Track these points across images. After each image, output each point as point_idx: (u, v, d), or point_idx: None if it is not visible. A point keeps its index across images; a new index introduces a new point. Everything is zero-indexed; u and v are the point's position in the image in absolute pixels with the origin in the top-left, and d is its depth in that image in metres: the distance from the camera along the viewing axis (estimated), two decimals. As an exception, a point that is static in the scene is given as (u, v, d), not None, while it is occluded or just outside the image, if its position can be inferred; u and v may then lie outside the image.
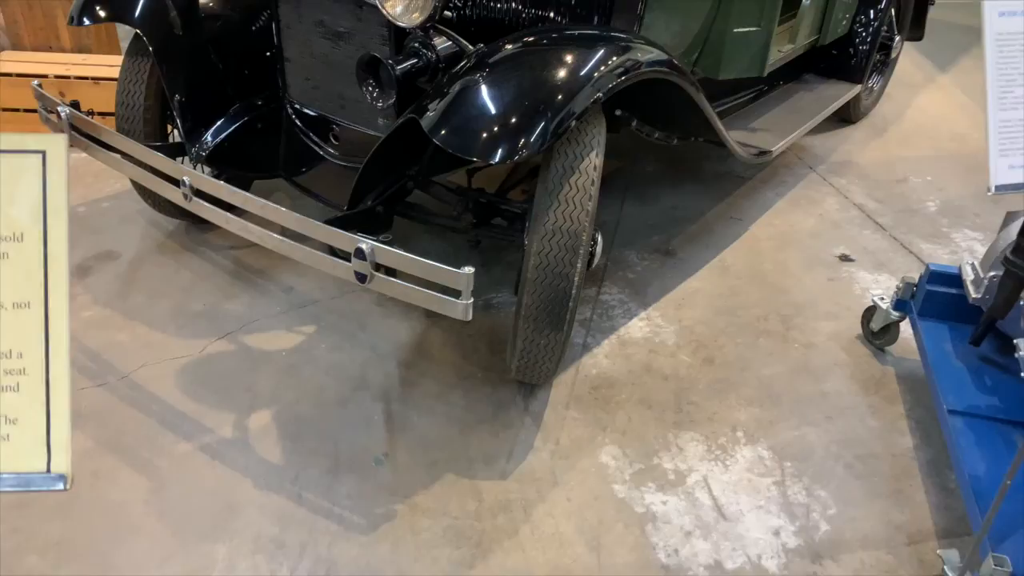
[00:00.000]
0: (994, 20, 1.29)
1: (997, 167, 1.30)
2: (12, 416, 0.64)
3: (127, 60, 2.67)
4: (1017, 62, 1.29)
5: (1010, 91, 1.28)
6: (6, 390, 0.63)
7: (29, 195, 0.67)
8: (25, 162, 0.68)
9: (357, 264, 1.88)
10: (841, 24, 3.74)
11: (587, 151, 2.00)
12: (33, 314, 0.64)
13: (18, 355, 0.62)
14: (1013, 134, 1.29)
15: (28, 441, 0.64)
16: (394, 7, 2.01)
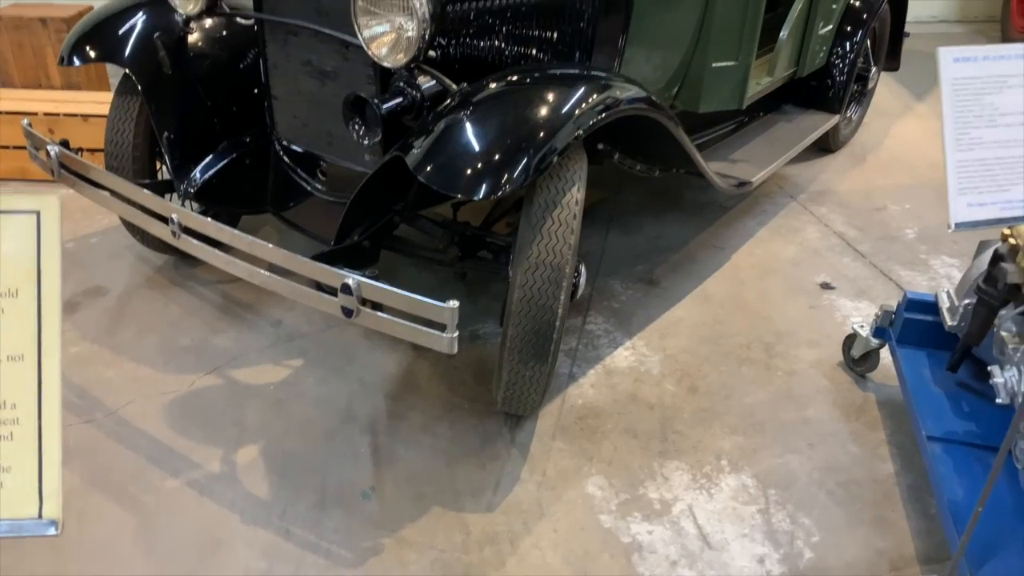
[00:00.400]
0: (949, 66, 1.35)
1: (956, 205, 1.35)
2: (6, 464, 0.66)
3: (116, 99, 2.71)
4: (972, 105, 1.34)
5: (966, 133, 1.34)
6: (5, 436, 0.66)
7: (24, 253, 0.70)
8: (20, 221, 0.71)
9: (343, 299, 1.90)
10: (819, 56, 3.83)
11: (569, 186, 2.05)
12: (27, 366, 0.67)
13: (12, 406, 0.65)
14: (970, 174, 1.35)
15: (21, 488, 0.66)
16: (380, 48, 2.06)
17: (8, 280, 0.69)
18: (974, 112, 1.35)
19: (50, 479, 0.68)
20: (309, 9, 2.30)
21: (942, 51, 1.38)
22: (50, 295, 0.71)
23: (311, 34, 2.33)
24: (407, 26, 2.00)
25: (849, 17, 3.88)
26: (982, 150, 1.35)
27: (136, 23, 2.63)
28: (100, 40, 2.62)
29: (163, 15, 2.64)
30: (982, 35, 6.79)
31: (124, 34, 2.61)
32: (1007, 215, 1.38)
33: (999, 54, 1.37)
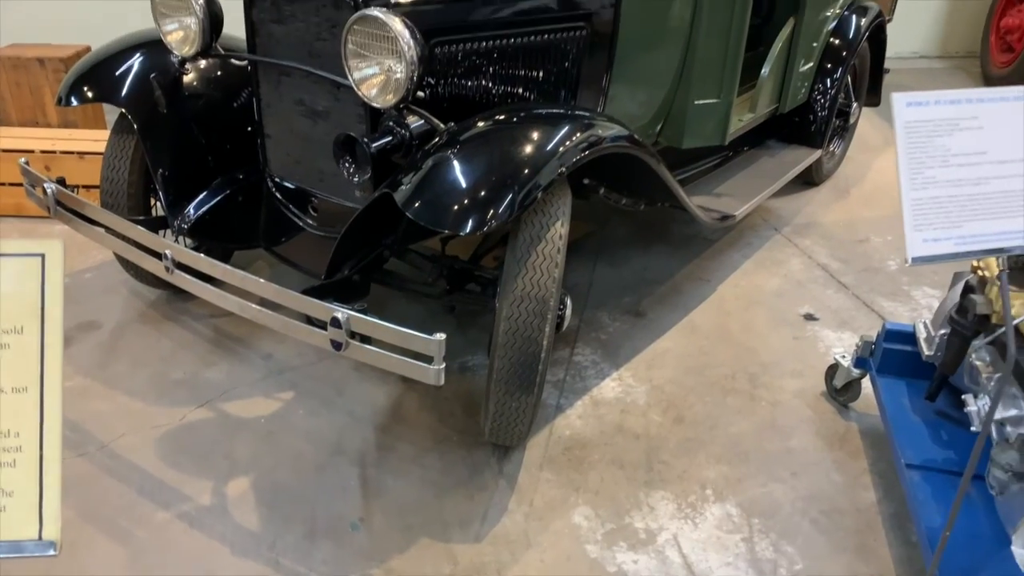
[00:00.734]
0: (903, 110, 1.42)
1: (912, 241, 1.41)
2: (8, 489, 0.70)
3: (113, 137, 2.77)
4: (925, 147, 1.41)
5: (920, 173, 1.40)
6: (4, 466, 0.70)
7: (29, 293, 0.75)
8: (26, 263, 0.76)
9: (333, 332, 1.95)
10: (800, 93, 3.92)
11: (553, 221, 2.10)
12: (30, 398, 0.71)
13: (15, 434, 0.69)
14: (925, 211, 1.41)
15: (22, 512, 0.71)
16: (370, 89, 2.13)
17: (13, 318, 0.74)
18: (927, 153, 1.42)
19: (50, 503, 0.72)
20: (302, 51, 2.37)
21: (895, 96, 1.45)
22: (52, 332, 0.76)
23: (303, 75, 2.40)
24: (396, 68, 2.07)
25: (829, 55, 3.98)
26: (936, 189, 1.42)
27: (133, 64, 2.71)
28: (97, 81, 2.69)
29: (159, 56, 2.71)
30: (962, 70, 6.94)
31: (121, 75, 2.68)
32: (961, 250, 1.44)
33: (950, 99, 1.45)
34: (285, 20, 2.37)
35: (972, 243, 1.44)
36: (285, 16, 2.36)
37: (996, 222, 1.44)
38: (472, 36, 2.44)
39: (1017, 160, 1.45)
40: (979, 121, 1.44)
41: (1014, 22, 6.25)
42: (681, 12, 2.98)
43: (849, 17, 4.02)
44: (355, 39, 2.09)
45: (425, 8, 2.30)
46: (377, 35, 2.06)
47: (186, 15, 2.49)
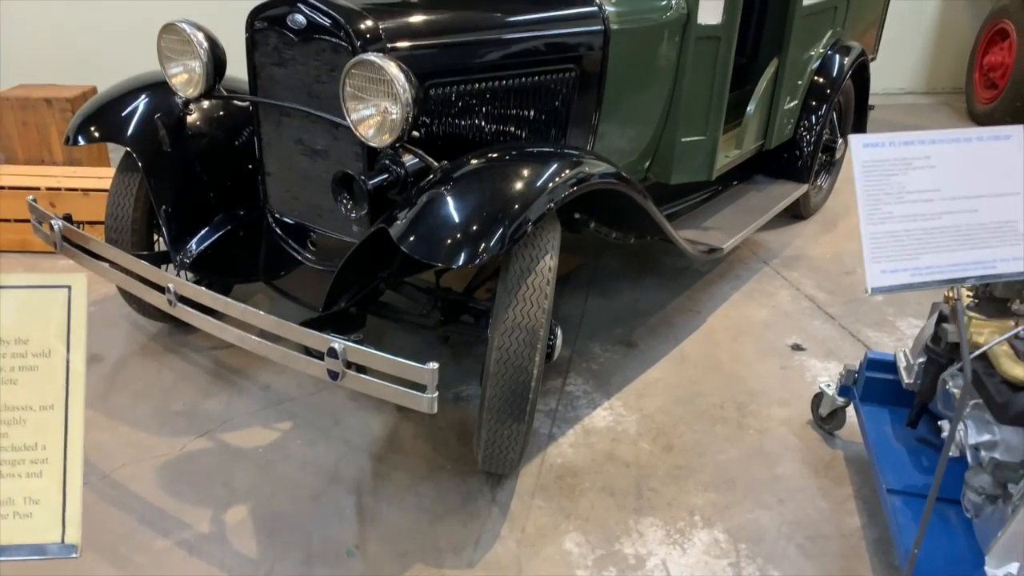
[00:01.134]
0: (860, 150, 1.51)
1: (872, 272, 1.50)
2: (35, 498, 0.77)
3: (118, 175, 2.86)
4: (882, 184, 1.50)
5: (877, 208, 1.49)
6: (31, 476, 0.77)
7: (56, 320, 0.82)
8: (55, 294, 0.83)
9: (330, 363, 2.02)
10: (786, 129, 4.04)
11: (542, 254, 2.19)
12: (56, 415, 0.78)
13: (42, 447, 0.76)
14: (883, 244, 1.50)
15: (47, 518, 0.77)
16: (367, 130, 2.22)
17: (42, 343, 0.82)
18: (884, 190, 1.51)
19: (72, 510, 0.78)
20: (301, 93, 2.48)
21: (852, 138, 1.54)
22: (77, 356, 0.83)
23: (303, 115, 2.50)
24: (392, 110, 2.17)
25: (813, 92, 4.10)
26: (892, 223, 1.51)
27: (138, 105, 2.80)
28: (104, 121, 2.78)
29: (163, 97, 2.81)
30: (948, 106, 7.10)
31: (127, 115, 2.78)
32: (917, 280, 1.52)
33: (904, 140, 1.54)
34: (286, 63, 2.47)
35: (928, 274, 1.52)
36: (286, 60, 2.47)
37: (950, 254, 1.53)
38: (465, 78, 2.55)
39: (968, 197, 1.54)
40: (931, 160, 1.53)
41: (997, 60, 6.42)
42: (667, 53, 3.10)
43: (832, 56, 4.15)
44: (353, 82, 2.19)
45: (420, 52, 2.41)
46: (374, 78, 2.16)
47: (191, 59, 2.60)
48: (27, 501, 0.76)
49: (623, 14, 2.89)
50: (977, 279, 1.56)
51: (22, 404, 0.79)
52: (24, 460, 0.76)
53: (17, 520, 0.76)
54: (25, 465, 0.76)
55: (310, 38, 2.38)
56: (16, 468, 0.76)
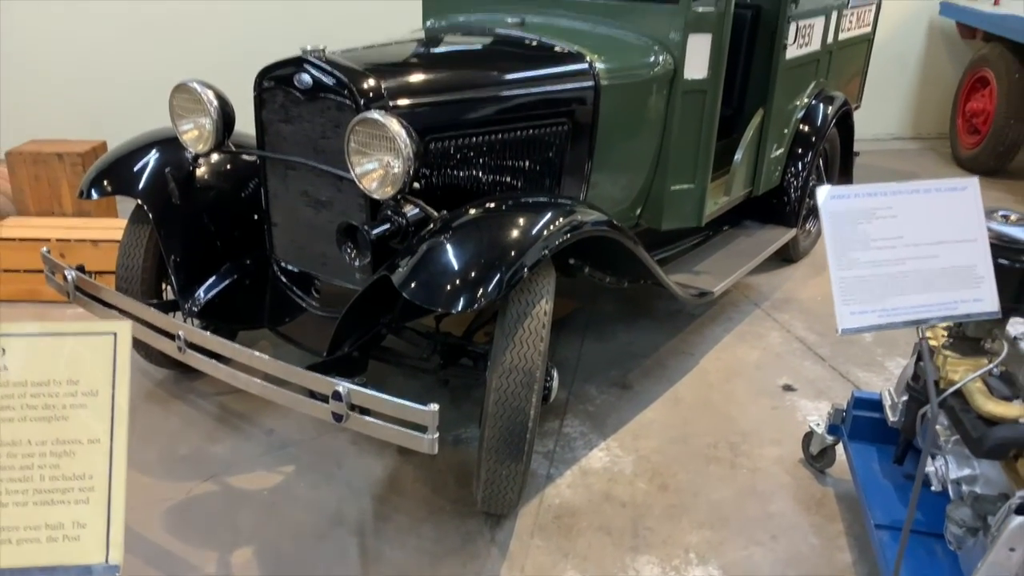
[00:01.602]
0: (828, 201, 1.63)
1: (842, 314, 1.60)
2: (82, 522, 0.86)
3: (129, 227, 2.97)
4: (849, 232, 1.61)
5: (845, 255, 1.60)
6: (80, 503, 0.86)
7: (103, 363, 0.92)
8: (102, 340, 0.92)
9: (334, 405, 2.10)
10: (773, 176, 4.17)
11: (538, 299, 2.28)
12: (102, 448, 0.88)
13: (89, 477, 0.85)
14: (851, 288, 1.61)
15: (93, 541, 0.85)
16: (370, 183, 2.34)
17: (92, 383, 0.91)
18: (851, 238, 1.62)
19: (115, 534, 0.87)
20: (307, 147, 2.60)
21: (820, 189, 1.66)
22: (121, 395, 0.92)
23: (308, 169, 2.62)
24: (394, 164, 2.29)
25: (799, 141, 4.25)
26: (859, 268, 1.61)
27: (148, 160, 2.92)
28: (116, 176, 2.89)
29: (172, 152, 2.92)
30: (933, 151, 7.27)
31: (138, 170, 2.89)
32: (884, 321, 1.62)
33: (868, 192, 1.66)
34: (292, 120, 2.60)
35: (894, 315, 1.62)
36: (292, 117, 2.59)
37: (914, 296, 1.63)
38: (463, 132, 2.68)
39: (929, 243, 1.64)
40: (893, 210, 1.64)
41: (978, 106, 6.60)
42: (655, 106, 3.24)
43: (816, 106, 4.31)
44: (357, 138, 2.31)
45: (420, 109, 2.54)
46: (377, 135, 2.28)
47: (201, 116, 2.72)
48: (75, 525, 0.84)
49: (612, 70, 3.03)
50: (940, 319, 1.66)
51: (72, 438, 0.88)
52: (73, 488, 0.85)
53: (66, 542, 0.85)
54: (74, 493, 0.85)
55: (316, 97, 2.51)
56: (66, 495, 0.85)
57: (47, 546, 0.83)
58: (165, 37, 5.95)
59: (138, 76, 5.97)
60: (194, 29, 5.97)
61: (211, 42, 6.01)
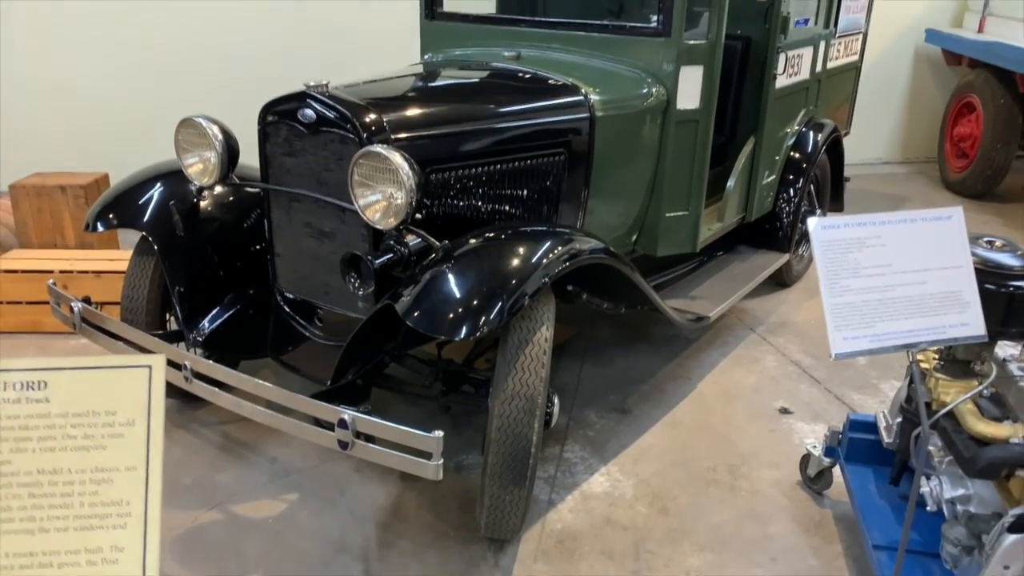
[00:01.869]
0: (819, 232, 1.69)
1: (835, 339, 1.66)
2: (120, 546, 0.90)
3: (134, 258, 3.01)
4: (840, 261, 1.68)
5: (837, 282, 1.66)
6: (117, 528, 0.90)
7: (139, 395, 0.96)
8: (138, 373, 0.97)
9: (340, 433, 2.14)
10: (765, 202, 4.25)
11: (539, 326, 2.33)
12: (138, 475, 0.92)
13: (126, 503, 0.89)
14: (843, 314, 1.67)
15: (131, 564, 0.89)
16: (374, 214, 2.39)
17: (129, 413, 0.95)
18: (842, 266, 1.68)
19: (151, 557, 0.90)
20: (310, 180, 2.66)
21: (811, 220, 1.72)
22: (156, 425, 0.96)
23: (312, 201, 2.67)
24: (397, 195, 2.35)
25: (790, 167, 4.33)
26: (851, 295, 1.67)
27: (153, 193, 2.97)
28: (121, 208, 2.95)
29: (176, 184, 2.98)
30: (922, 175, 7.38)
31: (143, 203, 2.95)
32: (875, 346, 1.68)
33: (857, 222, 1.72)
34: (296, 153, 2.66)
35: (885, 340, 1.68)
36: (296, 150, 2.66)
37: (904, 322, 1.68)
38: (463, 164, 2.74)
39: (916, 270, 1.70)
40: (882, 239, 1.70)
41: (965, 131, 6.72)
42: (649, 135, 3.32)
43: (807, 133, 4.40)
44: (361, 171, 2.37)
45: (420, 141, 2.61)
46: (380, 167, 2.34)
47: (206, 150, 2.78)
48: (113, 549, 0.88)
49: (607, 102, 3.11)
50: (929, 343, 1.72)
51: (110, 466, 0.92)
52: (111, 514, 0.89)
53: (105, 566, 0.88)
54: (112, 518, 0.89)
55: (319, 131, 2.57)
56: (105, 520, 0.89)
57: (87, 569, 0.86)
58: (161, 69, 6.05)
59: (135, 108, 6.06)
60: (188, 61, 6.07)
61: (206, 74, 6.10)
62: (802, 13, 4.12)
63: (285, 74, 6.09)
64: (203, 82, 6.08)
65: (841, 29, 4.68)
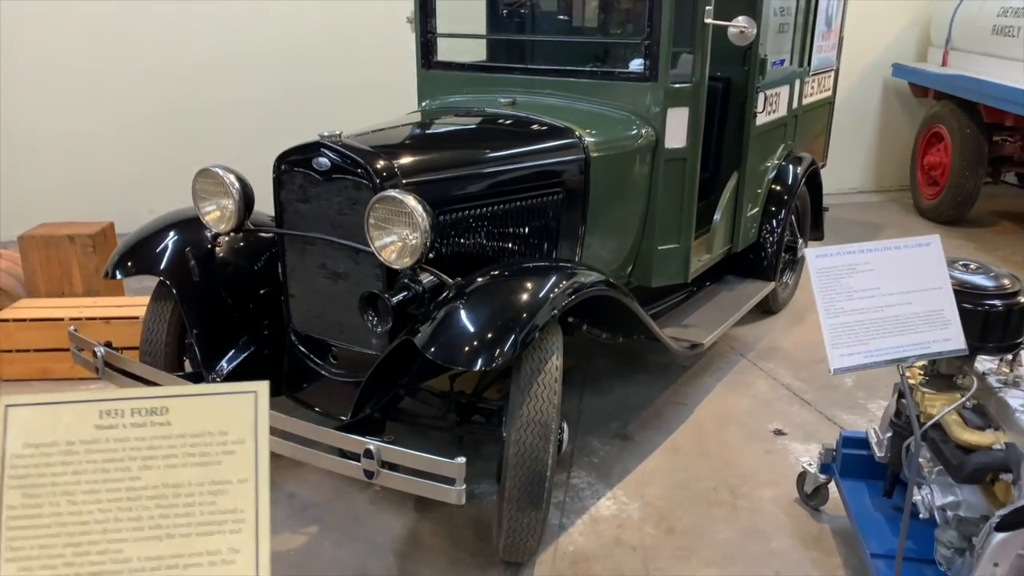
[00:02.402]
0: (814, 260, 1.87)
1: (833, 356, 1.82)
2: (236, 548, 1.01)
3: (152, 304, 3.12)
4: (835, 285, 1.85)
5: (832, 305, 1.83)
6: (233, 532, 1.02)
7: (247, 417, 1.09)
8: (246, 398, 1.10)
9: (365, 463, 2.25)
10: (750, 233, 4.44)
11: (549, 355, 2.47)
12: (249, 486, 1.04)
13: (240, 511, 1.01)
14: (839, 333, 1.83)
15: (246, 564, 1.01)
16: (390, 255, 2.53)
17: (239, 433, 1.07)
18: (836, 290, 1.85)
19: (263, 557, 1.02)
20: (325, 224, 2.80)
21: (807, 252, 1.89)
22: (263, 441, 1.09)
23: (326, 243, 2.81)
24: (411, 236, 2.49)
25: (772, 200, 4.53)
26: (845, 316, 1.84)
27: (169, 240, 3.09)
28: (140, 256, 3.05)
29: (191, 231, 3.10)
30: (896, 202, 7.66)
31: (160, 250, 3.06)
32: (869, 361, 1.85)
33: (848, 250, 1.90)
34: (311, 199, 2.80)
35: (877, 355, 1.84)
36: (311, 196, 2.80)
37: (893, 338, 1.85)
38: (469, 205, 2.90)
39: (903, 292, 1.88)
40: (871, 265, 1.88)
41: (935, 160, 7.01)
42: (640, 173, 3.50)
43: (786, 167, 4.61)
44: (376, 215, 2.52)
45: (430, 185, 2.76)
46: (395, 211, 2.49)
47: (224, 198, 2.92)
48: (230, 551, 0.99)
49: (600, 143, 3.29)
50: (916, 358, 1.88)
51: (225, 479, 1.05)
52: (228, 520, 1.01)
53: (224, 566, 1.00)
54: (228, 524, 1.00)
55: (333, 177, 2.72)
56: (222, 526, 1.01)
57: (208, 570, 0.98)
58: (159, 122, 6.21)
59: (133, 158, 6.20)
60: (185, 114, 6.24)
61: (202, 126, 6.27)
62: (778, 54, 4.36)
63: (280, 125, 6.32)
64: (199, 133, 6.25)
65: (814, 67, 4.93)
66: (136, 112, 6.18)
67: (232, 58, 6.23)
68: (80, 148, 6.15)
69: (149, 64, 6.10)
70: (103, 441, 1.01)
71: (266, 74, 6.32)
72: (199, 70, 6.20)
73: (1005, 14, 6.29)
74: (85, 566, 0.97)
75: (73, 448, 1.01)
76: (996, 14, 6.40)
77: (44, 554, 0.95)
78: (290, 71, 6.36)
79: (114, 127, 6.17)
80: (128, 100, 6.16)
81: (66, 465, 1.00)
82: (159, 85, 6.15)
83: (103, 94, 6.11)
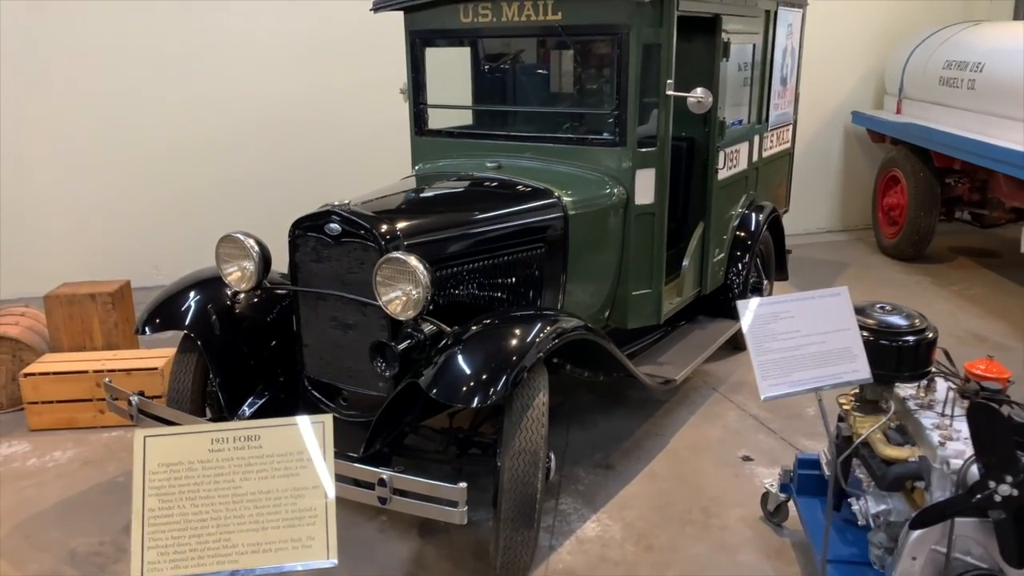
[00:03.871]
0: (746, 310, 2.27)
1: (763, 386, 2.21)
2: (312, 536, 1.37)
3: (178, 356, 3.46)
4: (763, 329, 2.24)
5: (762, 344, 2.22)
6: (309, 524, 1.37)
7: (316, 439, 1.45)
8: (316, 426, 1.46)
9: (379, 491, 2.59)
10: (718, 276, 4.84)
11: (536, 392, 2.84)
12: (320, 491, 1.40)
13: (314, 509, 1.36)
14: (768, 368, 2.22)
15: (321, 547, 1.36)
16: (395, 308, 2.90)
17: (312, 452, 1.44)
18: (764, 333, 2.24)
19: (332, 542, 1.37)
20: (335, 281, 3.16)
21: (740, 303, 2.29)
22: (329, 458, 1.44)
23: (336, 299, 3.17)
24: (414, 292, 2.86)
25: (737, 245, 4.95)
26: (772, 354, 2.23)
27: (193, 298, 3.44)
28: (167, 313, 3.40)
29: (215, 289, 3.46)
30: (860, 241, 8.12)
31: (185, 308, 3.41)
32: (793, 390, 2.24)
33: (771, 302, 2.30)
34: (323, 260, 3.18)
35: (800, 385, 2.24)
36: (323, 257, 3.17)
37: (812, 371, 2.25)
38: (461, 260, 3.28)
39: (818, 333, 2.27)
40: (791, 313, 2.28)
41: (894, 201, 7.48)
42: (614, 227, 3.90)
43: (749, 215, 5.04)
44: (383, 274, 2.89)
45: (428, 245, 3.14)
46: (399, 269, 2.86)
47: (245, 260, 3.28)
48: (308, 539, 1.34)
49: (577, 202, 3.70)
50: (831, 386, 2.27)
51: (302, 487, 1.40)
52: (305, 516, 1.35)
53: (304, 549, 1.35)
54: (306, 519, 1.35)
55: (342, 241, 3.09)
56: (301, 520, 1.35)
57: (292, 551, 1.33)
58: (165, 181, 6.60)
59: (140, 215, 6.57)
60: (188, 186, 6.64)
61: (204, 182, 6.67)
62: (736, 115, 4.82)
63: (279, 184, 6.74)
64: (201, 201, 6.63)
65: (772, 123, 5.40)
66: (143, 183, 6.57)
67: (230, 133, 6.63)
68: (89, 210, 6.52)
69: (155, 143, 6.52)
70: (214, 461, 1.36)
71: (264, 145, 6.74)
72: (198, 147, 6.60)
73: (949, 67, 6.82)
74: (204, 550, 1.32)
75: (193, 466, 1.36)
76: (942, 66, 6.92)
77: (174, 543, 1.30)
78: (286, 142, 6.78)
79: (125, 195, 6.55)
80: (136, 173, 6.56)
81: (188, 478, 1.35)
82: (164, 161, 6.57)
83: (115, 168, 6.51)
